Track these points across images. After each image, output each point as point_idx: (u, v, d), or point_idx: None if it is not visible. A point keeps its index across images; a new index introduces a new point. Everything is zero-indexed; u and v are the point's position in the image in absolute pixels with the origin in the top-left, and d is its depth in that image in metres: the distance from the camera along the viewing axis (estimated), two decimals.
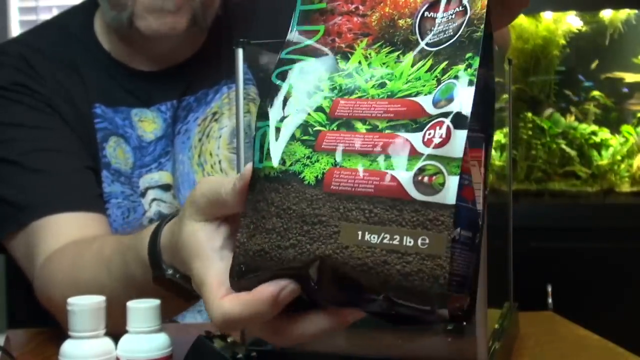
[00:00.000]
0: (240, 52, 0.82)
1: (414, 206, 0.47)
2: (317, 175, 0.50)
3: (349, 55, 0.55)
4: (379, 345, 0.80)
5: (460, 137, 0.47)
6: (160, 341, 0.68)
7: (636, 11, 2.32)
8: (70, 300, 0.67)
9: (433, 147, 0.47)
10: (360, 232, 0.48)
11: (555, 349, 0.95)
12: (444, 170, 0.46)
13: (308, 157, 0.51)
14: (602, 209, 2.20)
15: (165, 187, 1.08)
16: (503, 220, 1.00)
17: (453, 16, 0.52)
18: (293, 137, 0.52)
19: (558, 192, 2.28)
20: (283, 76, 0.55)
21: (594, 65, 2.36)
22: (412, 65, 0.52)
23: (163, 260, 0.68)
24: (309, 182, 0.50)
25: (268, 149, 0.52)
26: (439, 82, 0.50)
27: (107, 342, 0.68)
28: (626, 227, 2.06)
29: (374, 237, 0.47)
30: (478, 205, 0.51)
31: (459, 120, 0.47)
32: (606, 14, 2.34)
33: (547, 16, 2.34)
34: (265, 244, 0.51)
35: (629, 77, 2.36)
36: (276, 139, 0.53)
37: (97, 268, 0.82)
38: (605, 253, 2.03)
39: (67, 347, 0.67)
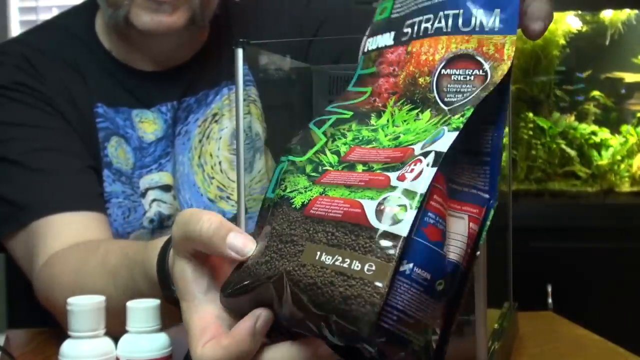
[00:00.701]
0: (240, 52, 0.82)
1: (370, 233, 0.47)
2: (304, 201, 0.52)
3: (382, 114, 0.57)
4: None
5: (429, 174, 0.48)
6: (160, 341, 0.68)
7: (636, 11, 2.32)
8: (70, 300, 0.67)
9: (402, 180, 0.49)
10: (318, 252, 0.49)
11: (555, 348, 0.95)
12: (406, 202, 0.47)
13: (305, 188, 0.54)
14: (602, 209, 2.20)
15: (166, 188, 1.08)
16: (503, 220, 1.00)
17: (472, 78, 0.52)
18: (303, 171, 0.55)
19: (558, 192, 2.28)
20: (320, 124, 0.59)
21: (592, 68, 2.36)
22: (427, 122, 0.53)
23: (172, 282, 0.67)
24: (295, 206, 0.53)
25: (278, 179, 0.56)
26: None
27: (107, 342, 0.68)
28: (626, 227, 2.06)
29: (328, 258, 0.48)
30: (450, 254, 0.50)
31: (433, 158, 0.48)
32: (606, 14, 2.34)
33: None
34: (251, 260, 0.53)
35: (629, 77, 2.36)
36: (288, 170, 0.56)
37: (102, 278, 0.82)
38: (605, 253, 2.03)
39: (67, 347, 0.67)
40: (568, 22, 2.35)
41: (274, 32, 1.12)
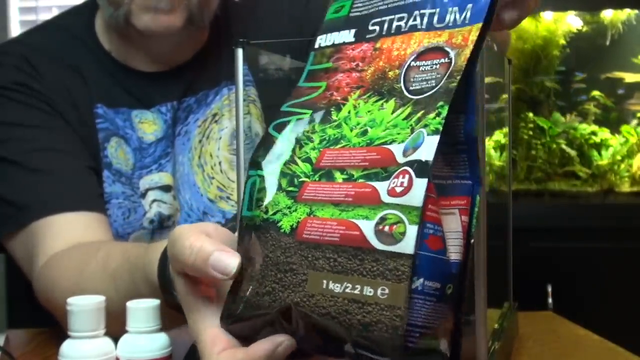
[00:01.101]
0: (240, 52, 0.82)
1: (375, 255, 0.47)
2: (292, 224, 0.51)
3: (342, 106, 0.56)
4: None
5: (421, 186, 0.47)
6: (160, 341, 0.68)
7: (636, 11, 2.32)
8: (70, 300, 0.67)
9: (395, 196, 0.48)
10: (325, 281, 0.48)
11: (555, 348, 0.95)
12: (404, 219, 0.47)
13: (288, 207, 0.52)
14: (602, 209, 2.20)
15: (166, 189, 1.08)
16: (503, 220, 1.00)
17: (437, 66, 0.52)
18: (280, 188, 0.54)
19: (558, 192, 2.28)
20: (280, 128, 0.57)
21: (592, 68, 2.36)
22: (393, 112, 0.53)
23: (174, 287, 0.68)
24: (284, 231, 0.52)
25: (255, 199, 0.54)
26: (412, 130, 0.50)
27: (107, 342, 0.68)
28: (626, 227, 2.06)
29: (337, 287, 0.48)
30: (451, 255, 0.50)
31: (420, 169, 0.48)
32: (606, 14, 2.34)
33: (547, 16, 2.34)
34: (248, 290, 0.53)
35: (629, 77, 2.36)
36: (265, 189, 0.54)
37: (103, 281, 0.82)
38: (605, 253, 2.03)
39: (67, 347, 0.67)
40: (568, 22, 2.35)
41: (274, 32, 1.12)
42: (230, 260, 0.53)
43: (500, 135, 2.11)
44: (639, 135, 2.30)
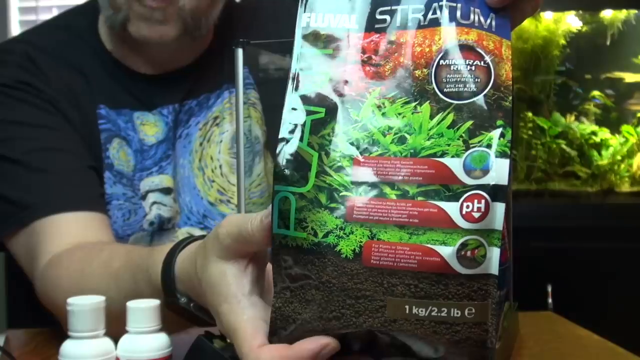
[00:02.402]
0: (240, 53, 0.82)
1: (459, 280, 0.48)
2: (354, 249, 0.50)
3: (360, 104, 0.53)
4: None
5: (499, 210, 0.48)
6: (160, 341, 0.68)
7: (636, 11, 2.32)
8: (70, 300, 0.67)
9: (473, 222, 0.48)
10: (407, 306, 0.49)
11: (555, 349, 0.95)
12: (484, 242, 0.48)
13: (341, 229, 0.50)
14: (602, 209, 2.20)
15: (166, 191, 1.08)
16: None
17: (473, 68, 0.50)
18: (320, 204, 0.51)
19: (558, 192, 2.28)
20: (294, 131, 0.53)
21: (592, 68, 2.36)
22: (431, 117, 0.51)
23: (177, 289, 0.67)
24: (346, 256, 0.50)
25: (295, 219, 0.51)
26: (466, 144, 0.49)
27: (107, 342, 0.68)
28: (626, 227, 2.06)
29: (421, 311, 0.49)
30: (509, 259, 0.54)
31: (497, 193, 0.48)
32: (606, 14, 2.34)
33: (547, 16, 2.34)
34: (306, 313, 0.51)
35: (629, 77, 2.36)
36: (302, 207, 0.51)
37: (105, 282, 0.82)
38: (605, 253, 2.03)
39: (67, 347, 0.67)
40: (568, 22, 2.35)
41: (274, 32, 1.12)
42: None
43: None
44: (639, 135, 2.30)
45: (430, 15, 0.53)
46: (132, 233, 1.05)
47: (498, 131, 0.49)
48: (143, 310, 0.68)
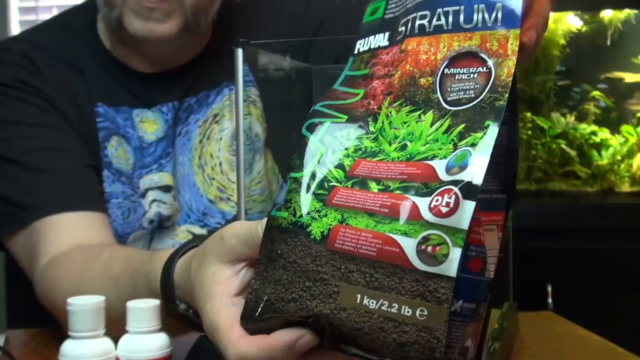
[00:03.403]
0: (240, 52, 0.82)
1: (415, 275, 0.46)
2: (323, 231, 0.50)
3: (377, 116, 0.54)
4: None
5: (468, 208, 0.46)
6: (160, 341, 0.68)
7: (636, 11, 2.32)
8: (70, 300, 0.67)
9: (440, 216, 0.46)
10: (359, 296, 0.48)
11: (555, 349, 0.95)
12: (448, 241, 0.46)
13: (317, 211, 0.51)
14: (602, 209, 2.20)
15: (165, 189, 1.07)
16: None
17: (475, 76, 0.50)
18: (308, 189, 0.53)
19: (558, 192, 2.28)
20: (313, 128, 0.55)
21: (592, 68, 2.36)
22: (432, 125, 0.51)
23: (176, 296, 0.67)
24: (314, 237, 0.50)
25: (284, 200, 0.53)
26: (455, 146, 0.49)
27: (107, 342, 0.68)
28: (626, 227, 2.06)
29: (372, 302, 0.47)
30: (488, 273, 0.50)
31: (469, 191, 0.46)
32: (606, 14, 2.34)
33: None
34: (272, 294, 0.51)
35: (629, 77, 2.36)
36: (292, 189, 0.53)
37: (105, 285, 0.82)
38: (605, 253, 2.03)
39: (67, 347, 0.67)
40: (568, 22, 2.35)
41: (275, 32, 1.12)
42: None
43: None
44: (639, 135, 2.30)
45: (435, 22, 0.53)
46: (131, 231, 1.05)
47: (484, 131, 0.48)
48: (143, 310, 0.68)
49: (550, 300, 1.48)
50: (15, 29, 2.40)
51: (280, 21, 1.14)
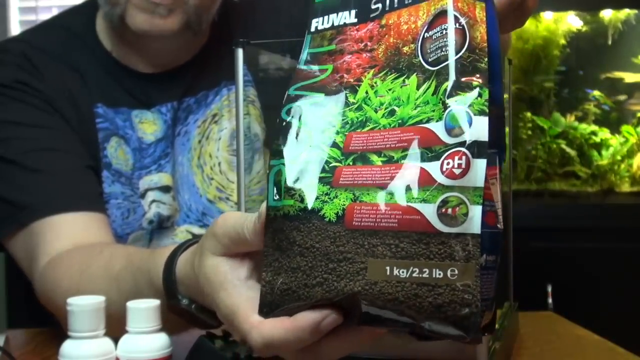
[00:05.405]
0: (239, 52, 0.82)
1: (440, 238, 0.47)
2: (337, 212, 0.50)
3: (357, 88, 0.55)
4: (379, 345, 0.80)
5: (480, 166, 0.47)
6: (160, 341, 0.68)
7: (636, 11, 2.32)
8: (70, 300, 0.67)
9: (454, 178, 0.47)
10: (388, 268, 0.48)
11: (555, 349, 0.95)
12: (466, 200, 0.47)
13: (326, 194, 0.51)
14: (602, 209, 2.21)
15: (165, 189, 1.08)
16: (503, 220, 1.00)
17: (447, 32, 0.52)
18: (310, 174, 0.53)
19: (558, 192, 2.28)
20: (292, 112, 0.56)
21: (592, 68, 2.36)
22: (418, 87, 0.52)
23: (179, 291, 0.67)
24: (329, 219, 0.51)
25: (286, 188, 0.53)
26: (444, 105, 0.50)
27: (107, 342, 0.68)
28: (626, 227, 2.06)
29: (402, 272, 0.48)
30: (499, 225, 0.52)
31: (477, 149, 0.48)
32: (606, 14, 2.34)
33: (547, 16, 2.34)
34: (292, 282, 0.51)
35: (629, 77, 2.36)
36: (293, 177, 0.53)
37: (106, 283, 0.82)
38: (605, 253, 2.03)
39: (67, 347, 0.67)
40: (568, 22, 2.35)
41: (274, 32, 1.12)
42: None
43: None
44: (639, 135, 2.30)
45: None
46: (131, 232, 1.05)
47: (475, 91, 0.49)
48: (143, 311, 0.68)
49: (550, 300, 1.48)
50: (15, 29, 2.40)
51: (280, 20, 1.14)
